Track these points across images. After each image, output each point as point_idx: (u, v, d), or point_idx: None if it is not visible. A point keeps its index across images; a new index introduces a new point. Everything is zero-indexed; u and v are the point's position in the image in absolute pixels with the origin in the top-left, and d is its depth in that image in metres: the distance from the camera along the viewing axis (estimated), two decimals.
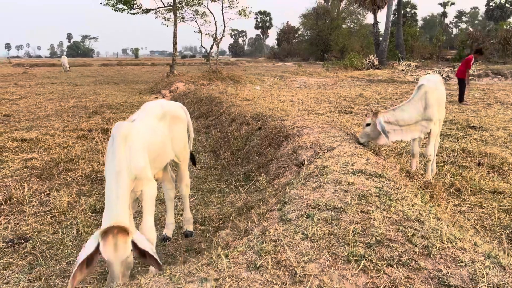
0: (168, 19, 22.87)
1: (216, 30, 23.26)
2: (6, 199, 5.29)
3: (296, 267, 2.15)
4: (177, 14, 22.09)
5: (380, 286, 2.05)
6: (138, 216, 4.10)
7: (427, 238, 2.36)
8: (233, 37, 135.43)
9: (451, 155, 6.33)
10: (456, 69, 27.09)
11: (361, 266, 2.15)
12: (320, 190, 3.12)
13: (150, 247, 2.64)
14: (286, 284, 2.07)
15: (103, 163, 6.87)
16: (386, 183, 3.32)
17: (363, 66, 34.74)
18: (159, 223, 4.52)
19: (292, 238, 2.44)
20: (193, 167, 6.45)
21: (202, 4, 23.28)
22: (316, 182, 3.35)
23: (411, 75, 30.07)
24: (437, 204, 3.54)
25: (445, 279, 2.07)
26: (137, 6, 22.15)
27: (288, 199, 3.14)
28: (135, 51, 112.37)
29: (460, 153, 6.32)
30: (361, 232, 2.42)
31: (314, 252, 2.27)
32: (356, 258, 2.20)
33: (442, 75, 28.43)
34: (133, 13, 22.65)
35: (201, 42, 24.90)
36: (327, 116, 10.20)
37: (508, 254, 2.54)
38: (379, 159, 4.23)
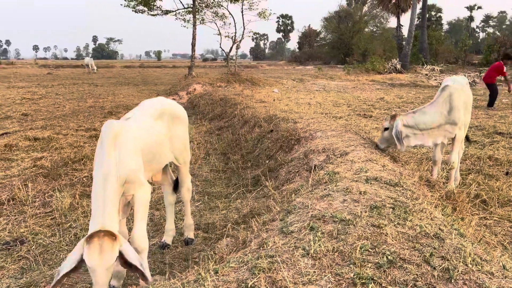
0: (188, 21, 22.87)
1: (235, 32, 23.14)
2: (9, 199, 5.18)
3: None
4: (197, 16, 22.05)
5: None
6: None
7: (447, 259, 2.03)
8: (254, 40, 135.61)
9: (477, 163, 5.90)
10: (483, 74, 26.21)
11: None
12: (328, 199, 2.81)
13: (137, 259, 2.40)
14: None
15: None
16: (403, 192, 2.98)
17: (385, 70, 34.03)
18: (160, 228, 4.29)
19: (291, 254, 2.15)
20: (203, 170, 6.20)
21: (222, 5, 23.20)
22: (324, 190, 3.05)
23: (435, 79, 29.31)
24: (460, 218, 3.18)
25: None
26: (157, 7, 22.22)
27: (292, 208, 2.84)
28: (158, 54, 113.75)
29: (486, 161, 5.89)
30: (370, 250, 2.11)
31: (315, 272, 1.97)
32: (364, 280, 1.88)
33: (468, 80, 27.57)
34: (153, 15, 22.75)
35: (220, 44, 24.78)
36: (345, 120, 9.83)
37: None
38: (397, 166, 3.89)
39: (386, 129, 4.69)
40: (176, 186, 3.81)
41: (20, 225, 4.51)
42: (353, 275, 1.93)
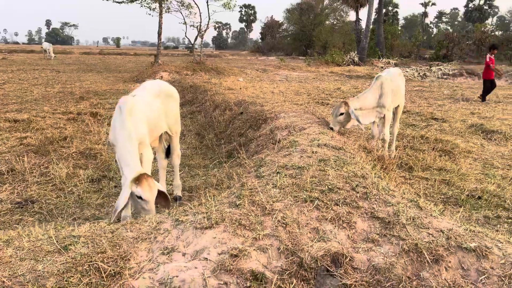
0: (154, 9, 23.18)
1: (200, 22, 23.70)
2: (8, 170, 5.80)
3: (266, 204, 2.84)
4: (163, 5, 22.43)
5: (328, 218, 2.76)
6: None
7: (367, 188, 3.08)
8: (217, 29, 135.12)
9: (411, 141, 7.13)
10: (434, 68, 28.19)
11: (315, 205, 2.85)
12: (289, 156, 3.81)
13: (162, 187, 3.32)
14: (258, 215, 2.75)
15: (96, 142, 7.41)
16: (344, 153, 4.03)
17: (344, 62, 35.67)
18: None
19: (264, 187, 3.12)
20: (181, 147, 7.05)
21: None
22: (286, 151, 4.04)
23: None
24: (385, 172, 4.28)
25: (376, 213, 2.79)
26: None
27: (263, 163, 3.82)
28: (117, 41, 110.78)
29: (419, 139, 7.13)
30: (317, 183, 3.12)
31: (280, 196, 2.96)
32: (312, 199, 2.89)
33: (419, 73, 29.59)
34: (119, 2, 22.87)
35: (185, 33, 25.30)
36: (304, 107, 10.91)
37: (435, 204, 3.28)
38: (342, 137, 4.95)
39: (341, 114, 5.67)
40: (168, 152, 4.69)
41: (26, 190, 5.20)
42: (305, 196, 2.93)
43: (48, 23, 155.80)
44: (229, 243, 2.52)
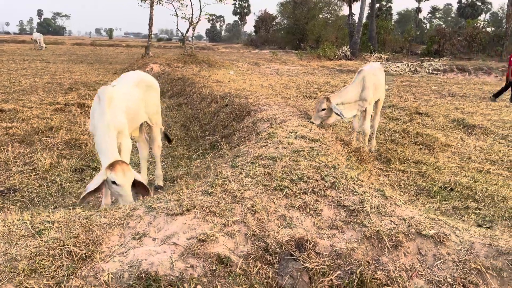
0: (145, 0, 23.05)
1: (192, 14, 23.62)
2: None
3: (237, 193, 2.93)
4: None
5: (296, 205, 2.87)
6: None
7: (336, 178, 3.19)
8: (211, 22, 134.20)
9: (393, 134, 7.26)
10: (428, 63, 28.29)
11: (284, 193, 2.96)
12: (265, 147, 3.91)
13: (142, 179, 3.40)
14: (228, 203, 2.85)
15: (82, 133, 7.45)
16: (320, 145, 4.14)
17: (336, 56, 35.80)
18: None
19: (237, 176, 3.22)
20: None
21: None
22: (263, 143, 4.14)
23: None
24: (361, 164, 4.40)
25: (342, 202, 2.90)
26: None
27: (240, 154, 3.91)
28: (109, 32, 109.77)
29: (400, 133, 7.26)
30: (288, 172, 3.22)
31: (252, 184, 3.06)
32: (281, 188, 3.00)
33: (410, 68, 29.81)
34: None
35: (177, 25, 25.21)
36: (292, 100, 11.01)
37: (403, 194, 3.40)
38: (321, 130, 5.06)
39: (323, 109, 5.75)
40: (168, 139, 4.86)
41: (9, 179, 5.25)
42: (276, 185, 3.03)
43: (39, 13, 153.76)
44: (198, 229, 2.62)
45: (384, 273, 2.42)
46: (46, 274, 2.32)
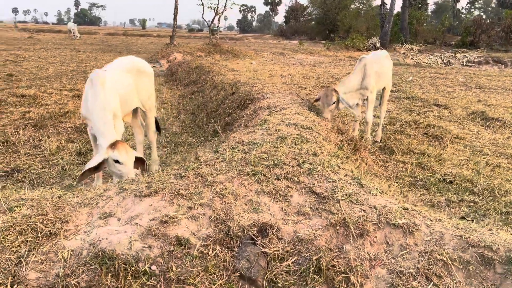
0: None
1: (218, 3, 23.64)
2: (3, 142, 6.08)
3: (208, 176, 2.92)
4: None
5: (266, 191, 2.82)
6: None
7: (313, 164, 3.11)
8: (242, 12, 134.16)
9: (404, 125, 7.04)
10: (458, 55, 27.20)
11: (256, 178, 2.92)
12: (252, 134, 3.86)
13: (141, 155, 3.48)
14: (198, 186, 2.84)
15: None
16: (310, 132, 4.05)
17: (365, 47, 34.99)
18: None
19: (214, 161, 3.20)
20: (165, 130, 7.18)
21: None
22: (252, 129, 4.10)
23: (412, 58, 30.35)
24: (353, 154, 4.28)
25: (314, 189, 2.84)
26: None
27: (226, 140, 3.89)
28: (143, 22, 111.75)
29: (411, 125, 7.03)
30: (265, 158, 3.17)
31: (226, 169, 3.04)
32: (254, 173, 2.96)
33: (442, 60, 28.80)
34: None
35: (202, 15, 25.28)
36: (309, 90, 10.85)
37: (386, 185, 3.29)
38: (317, 118, 4.95)
39: (334, 102, 5.55)
40: (158, 127, 4.89)
41: (15, 161, 5.45)
42: (250, 171, 2.99)
43: (76, 3, 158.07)
44: (163, 210, 2.63)
45: (344, 261, 2.35)
46: (10, 249, 2.39)
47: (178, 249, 2.39)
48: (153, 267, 2.31)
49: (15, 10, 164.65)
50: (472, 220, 3.28)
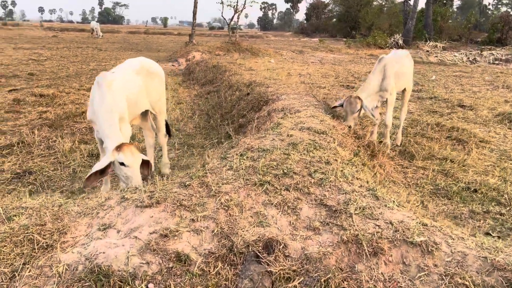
0: None
1: (237, 1, 23.51)
2: (18, 142, 6.09)
3: (214, 186, 2.77)
4: None
5: (274, 203, 2.65)
6: None
7: (325, 174, 2.93)
8: (262, 10, 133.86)
9: (425, 128, 6.74)
10: (485, 52, 26.33)
11: (263, 189, 2.75)
12: (262, 139, 3.70)
13: (145, 156, 3.38)
14: (202, 196, 2.70)
15: None
16: (324, 138, 3.86)
17: (387, 45, 34.26)
18: None
19: (221, 169, 3.05)
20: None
21: None
22: (263, 134, 3.93)
23: (436, 56, 29.55)
24: (371, 161, 4.06)
25: (325, 201, 2.65)
26: None
27: (236, 145, 3.74)
28: (164, 20, 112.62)
29: (434, 127, 6.72)
30: (274, 166, 3.00)
31: (232, 178, 2.88)
32: (262, 183, 2.79)
33: (468, 58, 27.93)
34: None
35: (222, 13, 25.22)
36: (327, 90, 10.60)
37: (403, 195, 3.08)
38: (333, 122, 4.74)
39: (358, 110, 5.29)
40: (168, 130, 4.76)
41: (28, 162, 5.44)
42: (257, 180, 2.83)
43: (100, 2, 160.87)
44: (164, 223, 2.50)
45: (356, 282, 2.17)
46: (5, 261, 2.30)
47: (177, 265, 2.26)
48: (150, 285, 2.18)
49: (41, 9, 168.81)
50: (499, 237, 3.03)
